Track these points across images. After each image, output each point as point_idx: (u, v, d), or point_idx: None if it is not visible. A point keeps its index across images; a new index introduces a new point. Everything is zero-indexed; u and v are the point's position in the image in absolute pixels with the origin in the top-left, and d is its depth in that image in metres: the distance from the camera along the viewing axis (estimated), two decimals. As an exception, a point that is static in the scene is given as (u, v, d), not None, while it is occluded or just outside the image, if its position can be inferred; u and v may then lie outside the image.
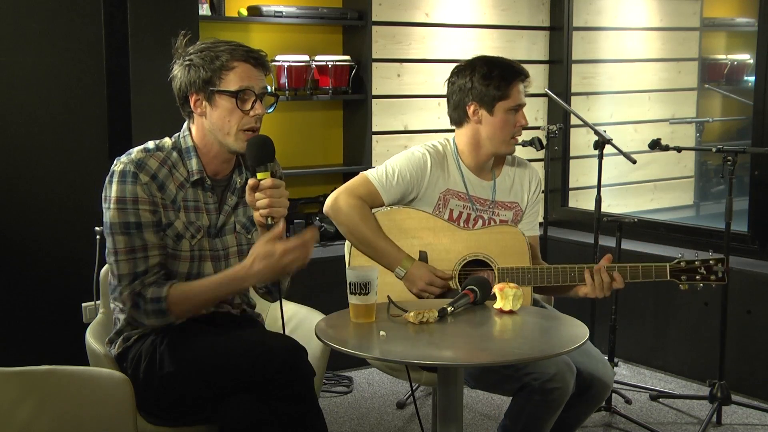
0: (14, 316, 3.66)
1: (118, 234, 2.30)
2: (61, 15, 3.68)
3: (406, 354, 2.14)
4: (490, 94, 2.83)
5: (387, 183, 2.84)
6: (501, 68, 2.86)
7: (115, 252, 2.30)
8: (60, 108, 3.71)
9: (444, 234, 2.84)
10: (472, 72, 2.86)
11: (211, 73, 2.33)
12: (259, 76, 2.37)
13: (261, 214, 2.26)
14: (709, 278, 2.76)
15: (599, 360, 2.75)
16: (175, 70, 2.41)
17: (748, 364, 4.02)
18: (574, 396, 2.70)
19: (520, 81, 2.87)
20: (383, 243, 2.80)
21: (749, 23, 5.89)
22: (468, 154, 2.92)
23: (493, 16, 5.12)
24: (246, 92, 2.33)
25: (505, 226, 2.89)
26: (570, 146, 5.32)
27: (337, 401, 4.01)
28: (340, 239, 4.29)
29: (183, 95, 2.40)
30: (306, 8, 4.51)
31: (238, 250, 2.48)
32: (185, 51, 2.40)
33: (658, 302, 4.36)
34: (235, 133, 2.36)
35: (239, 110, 2.34)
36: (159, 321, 2.31)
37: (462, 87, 2.88)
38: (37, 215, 3.70)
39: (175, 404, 2.34)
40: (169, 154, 2.40)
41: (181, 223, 2.37)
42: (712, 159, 5.86)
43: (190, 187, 2.40)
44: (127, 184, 2.31)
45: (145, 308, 2.29)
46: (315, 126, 4.81)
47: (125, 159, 2.35)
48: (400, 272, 2.79)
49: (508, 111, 2.85)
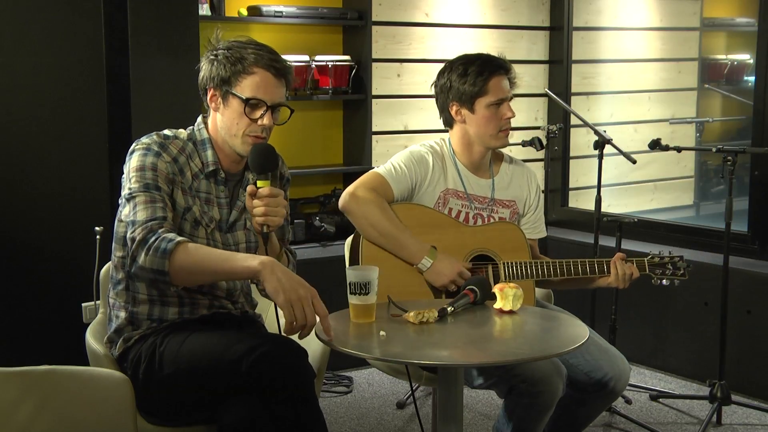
0: (14, 316, 3.66)
1: (137, 193, 2.30)
2: (61, 15, 3.68)
3: (406, 354, 2.13)
4: (468, 92, 2.82)
5: (397, 176, 2.84)
6: (477, 64, 2.83)
7: (134, 206, 2.29)
8: (60, 108, 3.71)
9: (449, 229, 2.85)
10: (450, 72, 2.87)
11: (231, 74, 2.35)
12: (278, 86, 2.37)
13: (257, 222, 2.29)
14: (676, 274, 2.87)
15: (617, 357, 2.77)
16: (202, 62, 2.44)
17: (748, 364, 4.01)
18: (588, 393, 2.73)
19: (500, 75, 2.84)
20: (406, 236, 2.78)
21: (749, 23, 5.89)
22: (462, 153, 2.92)
23: (493, 16, 5.12)
24: (257, 102, 2.34)
25: (504, 223, 2.91)
26: (570, 146, 5.32)
27: (337, 401, 4.01)
28: (340, 239, 4.29)
29: (203, 87, 2.44)
30: (306, 8, 4.51)
31: (247, 246, 2.50)
32: (216, 45, 2.42)
33: (658, 302, 4.36)
34: (241, 137, 2.37)
35: (247, 117, 2.35)
36: (157, 262, 2.20)
37: (443, 88, 2.89)
38: (37, 215, 3.70)
39: (175, 405, 2.34)
40: (186, 144, 2.43)
41: (197, 209, 2.39)
42: (712, 159, 5.86)
43: (204, 179, 2.42)
44: (149, 156, 2.35)
45: (152, 244, 2.21)
46: (315, 126, 4.81)
47: (147, 139, 2.39)
48: (426, 263, 2.75)
49: (490, 106, 2.83)
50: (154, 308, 2.41)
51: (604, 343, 2.81)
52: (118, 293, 2.44)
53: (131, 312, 2.41)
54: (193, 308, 2.44)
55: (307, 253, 4.32)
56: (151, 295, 2.41)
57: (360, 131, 4.75)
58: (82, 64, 3.74)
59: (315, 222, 4.50)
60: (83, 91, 3.75)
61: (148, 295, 2.41)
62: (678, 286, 3.00)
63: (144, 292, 2.41)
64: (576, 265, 2.83)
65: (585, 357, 2.73)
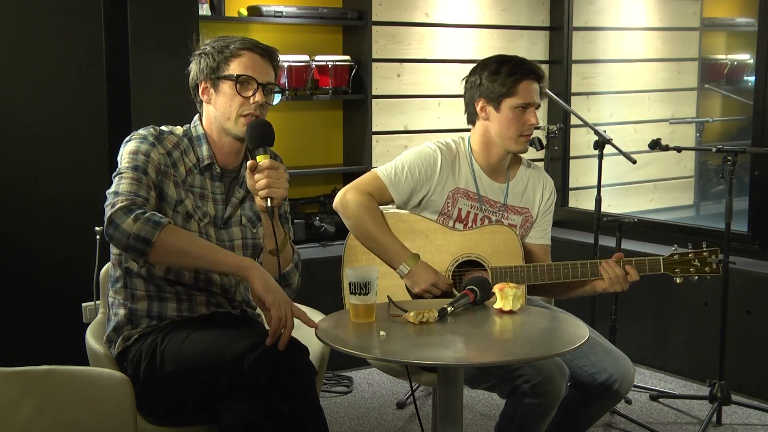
0: (14, 316, 3.66)
1: (125, 170, 2.31)
2: (61, 15, 3.68)
3: (406, 354, 2.13)
4: (496, 91, 2.81)
5: (396, 179, 2.84)
6: (510, 65, 2.82)
7: (120, 179, 2.29)
8: (60, 108, 3.71)
9: (435, 235, 2.84)
10: (483, 69, 2.86)
11: (219, 61, 2.40)
12: (265, 67, 2.41)
13: (260, 195, 2.29)
14: (704, 270, 2.75)
15: (622, 358, 2.76)
16: (191, 65, 2.47)
17: (748, 364, 4.01)
18: (593, 395, 2.72)
19: (531, 80, 2.82)
20: (388, 239, 2.80)
21: (749, 23, 5.89)
22: (480, 153, 2.90)
23: (493, 16, 5.12)
24: (246, 78, 2.37)
25: (497, 226, 2.87)
26: (570, 146, 5.32)
27: (337, 401, 4.01)
28: (340, 239, 4.30)
29: (194, 84, 2.47)
30: (306, 8, 4.51)
31: (243, 243, 2.50)
32: (201, 44, 2.46)
33: (658, 302, 4.36)
34: (235, 118, 2.40)
35: (239, 96, 2.37)
36: (147, 231, 2.17)
37: (473, 84, 2.88)
38: (37, 215, 3.70)
39: (175, 404, 2.34)
40: (181, 140, 2.45)
41: (190, 203, 2.40)
42: (712, 159, 5.86)
43: (198, 174, 2.44)
44: (144, 144, 2.37)
45: (141, 214, 2.20)
46: (315, 126, 4.81)
47: (144, 131, 2.41)
48: (403, 269, 2.77)
49: (515, 108, 2.81)
50: (152, 305, 2.41)
51: (608, 345, 2.80)
52: (117, 291, 2.45)
53: (130, 309, 2.42)
54: (191, 305, 2.44)
55: (307, 253, 4.32)
56: (149, 291, 2.41)
57: (360, 131, 4.75)
58: (82, 64, 3.74)
59: (315, 222, 4.51)
60: (83, 91, 3.75)
61: (146, 291, 2.41)
62: (678, 286, 2.97)
63: (142, 288, 2.41)
64: (567, 267, 2.77)
65: (590, 358, 2.72)
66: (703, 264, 2.75)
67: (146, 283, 2.41)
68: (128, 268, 2.42)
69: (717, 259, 2.75)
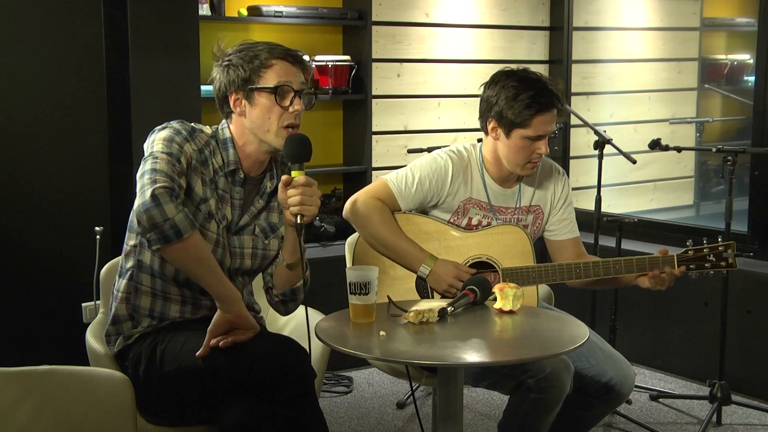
0: (14, 316, 3.66)
1: (160, 153, 2.28)
2: (61, 15, 3.68)
3: (406, 354, 2.14)
4: (509, 118, 2.71)
5: (405, 190, 2.80)
6: (529, 95, 2.68)
7: (156, 160, 2.27)
8: (60, 108, 3.72)
9: (446, 237, 2.82)
10: (503, 88, 2.73)
11: (250, 72, 2.35)
12: (297, 73, 2.38)
13: (291, 212, 2.27)
14: (719, 264, 2.73)
15: (622, 362, 2.75)
16: (215, 73, 2.42)
17: (748, 364, 4.01)
18: (594, 397, 2.72)
19: (548, 111, 2.70)
20: (405, 244, 2.77)
21: (749, 23, 5.89)
22: (492, 164, 2.85)
23: (493, 16, 5.12)
24: (284, 88, 2.35)
25: (507, 226, 2.84)
26: (570, 146, 5.32)
27: (337, 401, 4.01)
28: (340, 239, 4.30)
29: (222, 95, 2.41)
30: (306, 8, 4.51)
31: (253, 252, 2.48)
32: (224, 53, 2.42)
33: (658, 302, 4.36)
34: (275, 131, 2.37)
35: (278, 106, 2.35)
36: (184, 225, 2.19)
37: (488, 99, 2.77)
38: (37, 215, 3.70)
39: (175, 404, 2.34)
40: (209, 140, 2.42)
41: (213, 203, 2.39)
42: (712, 159, 5.86)
43: (222, 177, 2.42)
44: (178, 136, 2.35)
45: (179, 204, 2.21)
46: (315, 126, 4.81)
47: (177, 124, 2.39)
48: (424, 271, 2.74)
49: (525, 138, 2.72)
50: (155, 303, 2.41)
51: (609, 348, 2.79)
52: (122, 284, 2.43)
53: (132, 305, 2.41)
54: (195, 308, 2.44)
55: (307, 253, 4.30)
56: (154, 289, 2.41)
57: (360, 131, 4.75)
58: (82, 64, 3.74)
59: (315, 222, 4.50)
60: (83, 91, 3.75)
61: (151, 287, 2.41)
62: (678, 287, 2.97)
63: (147, 284, 2.41)
64: (578, 268, 2.73)
65: (590, 361, 2.71)
66: (719, 258, 2.73)
67: (153, 279, 2.40)
68: (141, 261, 2.40)
69: (733, 253, 2.73)
